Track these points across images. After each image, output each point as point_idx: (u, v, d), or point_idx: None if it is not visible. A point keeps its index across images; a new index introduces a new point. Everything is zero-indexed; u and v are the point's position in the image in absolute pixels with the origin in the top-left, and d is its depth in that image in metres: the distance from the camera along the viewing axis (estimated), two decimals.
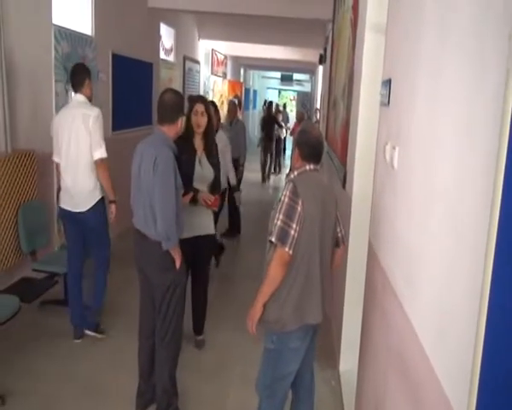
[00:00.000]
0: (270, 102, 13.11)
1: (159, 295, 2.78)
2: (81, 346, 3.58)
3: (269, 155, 11.69)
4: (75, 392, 3.07)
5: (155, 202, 2.61)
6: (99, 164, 3.48)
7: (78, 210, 3.49)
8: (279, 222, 2.12)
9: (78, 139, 3.41)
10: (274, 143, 11.92)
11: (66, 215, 3.59)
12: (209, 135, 3.44)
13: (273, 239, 2.13)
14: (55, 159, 3.60)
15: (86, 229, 3.59)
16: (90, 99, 3.55)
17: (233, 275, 5.55)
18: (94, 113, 3.43)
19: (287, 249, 2.11)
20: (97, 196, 3.52)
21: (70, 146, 3.43)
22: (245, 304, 2.54)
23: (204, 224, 3.42)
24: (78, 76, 3.54)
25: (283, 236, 2.11)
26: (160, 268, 2.75)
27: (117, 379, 3.21)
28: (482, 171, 1.16)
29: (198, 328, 3.72)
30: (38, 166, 4.15)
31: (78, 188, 3.47)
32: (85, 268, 3.99)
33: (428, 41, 1.77)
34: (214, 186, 3.45)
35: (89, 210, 3.49)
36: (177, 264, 2.74)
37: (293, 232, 2.12)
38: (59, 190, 3.69)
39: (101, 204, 3.56)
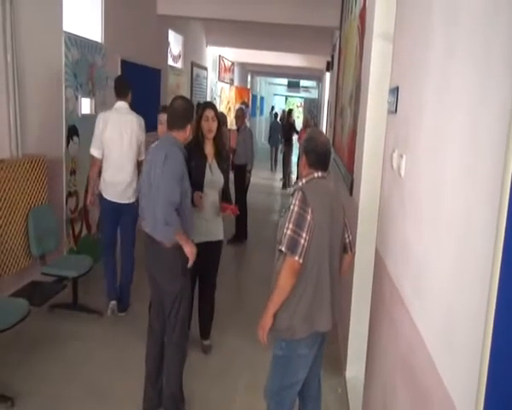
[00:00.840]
0: (290, 110, 13.43)
1: (168, 302, 2.80)
2: (88, 349, 3.60)
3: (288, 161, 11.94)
4: (82, 395, 3.09)
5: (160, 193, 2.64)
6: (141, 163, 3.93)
7: (123, 201, 4.01)
8: (289, 231, 2.12)
9: (132, 140, 3.99)
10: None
11: (107, 205, 4.03)
12: (219, 141, 3.47)
13: (283, 248, 2.12)
14: (95, 153, 4.01)
15: (126, 219, 4.08)
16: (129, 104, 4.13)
17: (240, 280, 5.56)
18: (142, 121, 4.10)
19: (297, 258, 2.11)
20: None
21: (123, 145, 3.96)
22: (252, 310, 2.55)
23: (213, 230, 3.44)
24: (124, 86, 4.14)
25: (293, 245, 2.11)
26: (170, 273, 2.78)
27: (123, 382, 3.23)
28: (490, 179, 1.17)
29: (205, 333, 3.73)
30: (48, 171, 4.20)
31: (127, 182, 3.98)
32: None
33: (436, 49, 1.78)
34: (224, 192, 3.48)
35: (133, 203, 3.97)
36: (188, 250, 2.72)
37: (302, 241, 2.11)
38: (94, 184, 4.11)
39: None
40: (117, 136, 3.94)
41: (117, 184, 3.98)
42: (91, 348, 3.63)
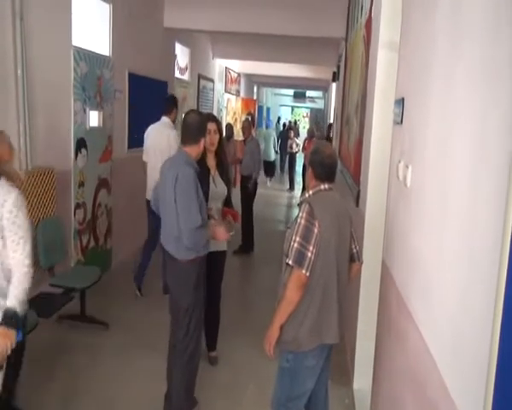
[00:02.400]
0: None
1: (179, 315, 2.83)
2: (96, 361, 3.60)
3: None
4: (89, 406, 3.09)
5: (179, 218, 2.69)
6: None
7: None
8: (296, 244, 2.12)
9: (162, 149, 4.58)
10: None
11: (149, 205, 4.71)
12: (220, 153, 3.51)
13: (290, 262, 2.12)
14: (144, 158, 4.88)
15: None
16: (173, 121, 4.95)
17: (246, 292, 5.55)
18: (173, 133, 4.79)
19: (304, 271, 2.11)
20: None
21: (156, 153, 4.63)
22: (259, 321, 2.55)
23: (216, 240, 3.45)
24: (168, 104, 4.98)
25: (300, 258, 2.11)
26: (183, 287, 2.82)
27: (131, 394, 3.23)
28: (496, 189, 1.17)
29: (211, 344, 3.72)
30: (57, 183, 4.24)
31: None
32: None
33: (441, 60, 1.79)
34: (227, 201, 3.51)
35: None
36: (218, 235, 2.94)
37: (309, 254, 2.11)
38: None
39: None
40: (152, 145, 4.73)
41: (151, 185, 4.61)
42: (99, 360, 3.63)
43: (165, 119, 4.90)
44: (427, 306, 1.76)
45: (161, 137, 4.70)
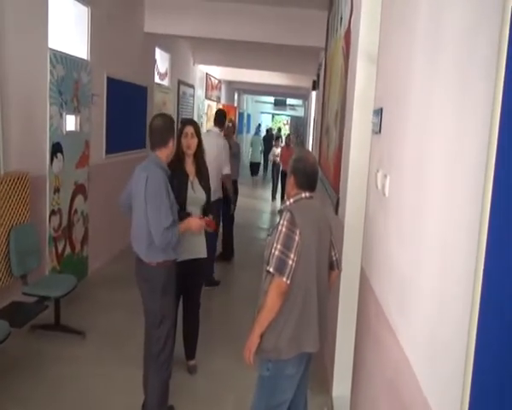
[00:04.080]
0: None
1: (149, 321, 2.81)
2: (70, 371, 3.52)
3: None
4: None
5: (149, 220, 2.69)
6: (227, 176, 5.43)
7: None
8: (277, 252, 2.11)
9: (212, 155, 4.81)
10: None
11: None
12: (200, 158, 3.49)
13: (271, 269, 2.11)
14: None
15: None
16: (221, 131, 5.74)
17: (227, 299, 5.51)
18: (221, 142, 5.46)
19: (284, 279, 2.10)
20: (219, 195, 5.34)
21: (211, 162, 4.67)
22: (239, 329, 2.52)
23: (196, 247, 3.42)
24: (222, 118, 5.75)
25: (281, 266, 2.10)
26: (150, 291, 2.80)
27: (106, 405, 3.16)
28: (472, 198, 1.18)
29: (190, 353, 3.67)
30: (32, 189, 4.14)
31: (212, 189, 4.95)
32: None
33: (419, 71, 1.81)
34: (206, 208, 3.50)
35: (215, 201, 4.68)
36: (194, 226, 2.99)
37: (290, 262, 2.11)
38: None
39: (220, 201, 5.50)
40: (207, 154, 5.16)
41: None
42: (74, 370, 3.54)
43: (216, 129, 5.64)
44: (405, 314, 1.76)
45: (212, 145, 5.04)
